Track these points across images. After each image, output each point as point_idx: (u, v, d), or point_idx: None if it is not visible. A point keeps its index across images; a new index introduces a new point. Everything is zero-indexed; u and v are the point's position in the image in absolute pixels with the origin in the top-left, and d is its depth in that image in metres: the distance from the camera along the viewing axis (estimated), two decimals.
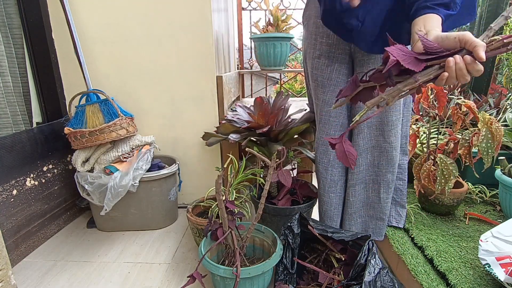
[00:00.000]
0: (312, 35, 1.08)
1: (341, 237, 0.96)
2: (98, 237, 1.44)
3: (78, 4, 1.45)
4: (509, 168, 1.15)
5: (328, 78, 1.07)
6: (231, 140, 1.28)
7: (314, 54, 1.08)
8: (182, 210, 1.69)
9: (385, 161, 1.07)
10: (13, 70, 1.32)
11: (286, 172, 1.21)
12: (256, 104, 1.34)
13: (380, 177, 1.10)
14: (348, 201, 1.15)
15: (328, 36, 1.04)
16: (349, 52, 1.05)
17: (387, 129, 1.04)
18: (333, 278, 0.95)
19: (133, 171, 1.34)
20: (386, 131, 1.04)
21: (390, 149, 1.06)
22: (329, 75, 1.07)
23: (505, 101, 1.64)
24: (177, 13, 1.47)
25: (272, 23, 2.15)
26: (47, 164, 1.40)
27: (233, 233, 1.01)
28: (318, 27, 1.05)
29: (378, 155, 1.08)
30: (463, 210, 1.27)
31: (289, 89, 5.56)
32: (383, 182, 1.10)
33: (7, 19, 1.30)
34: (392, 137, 1.04)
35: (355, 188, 1.13)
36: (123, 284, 1.13)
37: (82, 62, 1.40)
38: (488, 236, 0.86)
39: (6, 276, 0.83)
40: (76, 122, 1.38)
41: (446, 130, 1.41)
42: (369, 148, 1.08)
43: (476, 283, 0.86)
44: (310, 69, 1.12)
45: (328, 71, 1.06)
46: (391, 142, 1.05)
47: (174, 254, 1.31)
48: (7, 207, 1.20)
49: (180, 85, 1.57)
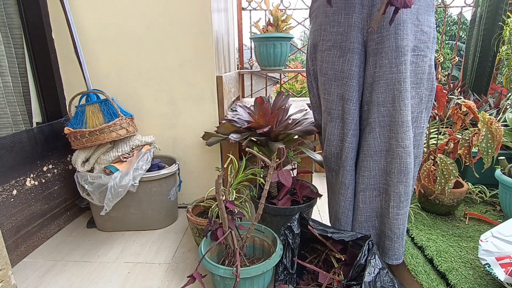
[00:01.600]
0: (322, 26, 1.00)
1: (341, 237, 0.96)
2: (98, 237, 1.44)
3: (78, 4, 1.45)
4: (509, 168, 1.15)
5: (341, 70, 0.97)
6: (231, 140, 1.28)
7: (325, 45, 1.00)
8: (182, 210, 1.69)
9: (397, 169, 0.94)
10: (13, 70, 1.32)
11: (286, 172, 1.21)
12: (256, 104, 1.34)
13: (390, 188, 0.96)
14: (358, 208, 1.04)
15: (339, 25, 0.96)
16: (361, 40, 0.95)
17: (401, 131, 0.91)
18: (333, 278, 0.95)
19: (133, 171, 1.34)
20: (400, 133, 0.91)
21: (404, 154, 0.92)
22: (341, 67, 0.97)
23: (505, 101, 1.64)
24: (177, 13, 1.47)
25: (272, 23, 2.15)
26: (47, 164, 1.40)
27: (233, 233, 1.01)
28: (328, 16, 0.98)
29: (390, 161, 0.95)
30: (463, 210, 1.27)
31: (289, 89, 5.55)
32: (393, 194, 0.96)
33: (7, 19, 1.30)
34: (407, 140, 0.91)
35: (365, 193, 1.02)
36: (123, 284, 1.13)
37: (82, 62, 1.40)
38: (488, 236, 0.86)
39: (6, 276, 0.83)
40: (76, 122, 1.37)
41: (446, 130, 1.41)
42: (383, 151, 0.97)
43: (476, 283, 0.86)
44: (319, 63, 1.03)
45: (340, 62, 0.97)
46: (405, 147, 0.92)
47: (174, 254, 1.31)
48: (7, 207, 1.20)
49: (180, 85, 1.57)
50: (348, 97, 0.98)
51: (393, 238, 0.99)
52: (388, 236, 1.00)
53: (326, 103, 1.05)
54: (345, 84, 0.98)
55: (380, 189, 1.01)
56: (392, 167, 0.95)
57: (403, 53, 0.88)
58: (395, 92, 0.90)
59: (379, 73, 0.92)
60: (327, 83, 1.02)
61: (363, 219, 1.04)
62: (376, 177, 1.00)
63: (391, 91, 0.91)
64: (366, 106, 0.99)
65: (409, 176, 0.94)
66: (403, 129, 0.91)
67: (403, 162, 0.93)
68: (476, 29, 2.17)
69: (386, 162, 0.97)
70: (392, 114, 0.92)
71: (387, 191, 0.98)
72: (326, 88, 1.03)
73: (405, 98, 0.90)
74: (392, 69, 0.89)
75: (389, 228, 0.99)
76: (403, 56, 0.88)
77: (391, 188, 0.97)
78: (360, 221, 1.05)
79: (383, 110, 0.94)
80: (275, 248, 1.04)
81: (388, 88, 0.91)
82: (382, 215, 1.02)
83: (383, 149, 0.97)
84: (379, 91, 0.93)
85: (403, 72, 0.89)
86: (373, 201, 1.02)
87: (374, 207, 1.03)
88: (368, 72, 0.96)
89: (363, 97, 0.99)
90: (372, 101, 0.95)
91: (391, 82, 0.90)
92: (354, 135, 1.01)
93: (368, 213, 1.03)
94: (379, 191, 1.01)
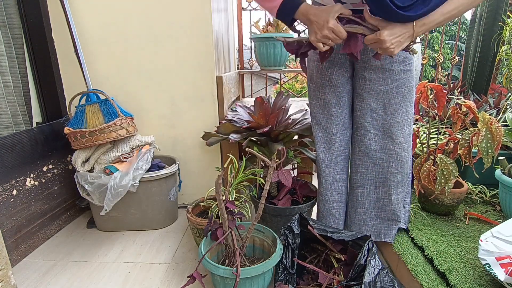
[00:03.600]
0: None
1: (341, 237, 0.96)
2: (98, 237, 1.44)
3: (78, 4, 1.45)
4: (509, 168, 1.15)
5: (329, 79, 1.09)
6: (231, 140, 1.28)
7: (315, 57, 1.10)
8: (182, 210, 1.69)
9: (394, 162, 1.07)
10: (13, 70, 1.32)
11: (286, 172, 1.22)
12: (256, 104, 1.34)
13: (390, 179, 1.09)
14: (357, 201, 1.16)
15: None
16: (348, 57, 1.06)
17: (395, 130, 1.04)
18: (333, 278, 0.95)
19: (133, 171, 1.34)
20: (393, 132, 1.04)
21: (399, 150, 1.06)
22: (330, 77, 1.08)
23: (505, 101, 1.64)
24: (177, 13, 1.47)
25: (272, 23, 2.15)
26: (47, 164, 1.40)
27: (233, 233, 1.01)
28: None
29: (387, 157, 1.08)
30: (463, 210, 1.27)
31: (289, 89, 5.56)
32: (394, 183, 1.09)
33: (7, 19, 1.30)
34: (401, 137, 1.05)
35: (364, 188, 1.14)
36: (123, 284, 1.13)
37: (82, 62, 1.40)
38: (488, 236, 0.86)
39: (6, 276, 0.84)
40: (76, 122, 1.37)
41: (446, 130, 1.41)
42: (378, 150, 1.08)
43: (476, 283, 0.86)
44: (310, 71, 1.14)
45: (329, 73, 1.08)
46: (400, 143, 1.05)
47: (174, 254, 1.31)
48: (7, 207, 1.20)
49: (180, 85, 1.57)
50: (336, 102, 1.10)
51: (396, 220, 1.14)
52: (392, 219, 1.14)
53: (313, 108, 1.15)
54: (333, 91, 1.09)
55: (376, 183, 1.13)
56: (389, 162, 1.08)
57: (387, 69, 1.01)
58: (385, 100, 1.04)
59: (369, 85, 1.04)
60: (316, 90, 1.12)
61: (361, 211, 1.16)
62: (372, 173, 1.12)
63: (381, 99, 1.04)
64: (358, 112, 1.09)
65: (405, 166, 1.08)
66: (396, 128, 1.04)
67: (399, 156, 1.07)
68: (476, 29, 2.17)
69: (382, 159, 1.09)
70: (384, 118, 1.05)
71: (386, 183, 1.11)
72: (316, 94, 1.13)
73: (394, 104, 1.03)
74: (380, 82, 1.03)
75: (393, 213, 1.13)
76: (388, 71, 1.01)
77: (390, 180, 1.09)
78: (359, 213, 1.17)
79: (375, 115, 1.06)
80: (275, 248, 1.04)
81: (378, 97, 1.04)
82: (380, 206, 1.14)
83: (378, 148, 1.08)
84: (371, 100, 1.05)
85: (389, 84, 1.02)
86: (370, 195, 1.15)
87: (372, 200, 1.15)
88: (358, 84, 1.07)
89: (354, 103, 1.11)
90: (365, 108, 1.07)
91: (381, 92, 1.03)
92: (343, 135, 1.13)
93: (366, 205, 1.15)
94: (375, 185, 1.13)
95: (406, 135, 1.06)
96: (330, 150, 1.14)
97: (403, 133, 1.05)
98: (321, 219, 1.22)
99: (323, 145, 1.15)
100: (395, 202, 1.12)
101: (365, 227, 1.17)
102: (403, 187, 1.12)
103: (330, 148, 1.13)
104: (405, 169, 1.09)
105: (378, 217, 1.16)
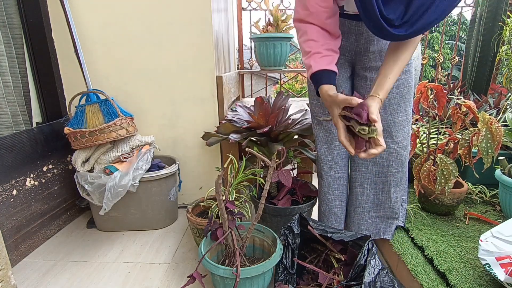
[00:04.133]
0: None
1: (340, 237, 0.96)
2: (98, 237, 1.44)
3: (78, 4, 1.45)
4: (509, 168, 1.15)
5: None
6: (231, 140, 1.28)
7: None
8: (182, 210, 1.69)
9: (394, 161, 1.09)
10: (13, 70, 1.32)
11: (286, 172, 1.22)
12: (256, 104, 1.34)
13: (390, 178, 1.11)
14: (356, 200, 1.17)
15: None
16: (349, 59, 1.08)
17: (395, 130, 1.06)
18: (333, 279, 0.95)
19: (133, 171, 1.34)
20: (393, 131, 1.06)
21: (399, 149, 1.07)
22: None
23: (505, 101, 1.64)
24: (177, 13, 1.47)
25: (272, 23, 2.15)
26: (47, 164, 1.40)
27: (233, 233, 1.01)
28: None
29: (387, 157, 1.09)
30: (463, 210, 1.27)
31: (289, 89, 5.56)
32: (393, 182, 1.11)
33: (7, 19, 1.30)
34: (400, 137, 1.06)
35: (363, 187, 1.15)
36: (123, 284, 1.13)
37: (82, 62, 1.40)
38: (488, 236, 0.86)
39: (6, 276, 0.84)
40: (76, 122, 1.37)
41: (446, 130, 1.41)
42: None
43: (476, 283, 0.86)
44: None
45: None
46: (400, 142, 1.07)
47: (174, 254, 1.31)
48: (7, 207, 1.20)
49: (180, 85, 1.57)
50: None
51: (395, 217, 1.15)
52: (391, 217, 1.16)
53: (314, 108, 1.14)
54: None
55: (376, 182, 1.14)
56: (389, 161, 1.09)
57: None
58: (386, 100, 1.04)
59: (369, 85, 1.05)
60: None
61: (361, 210, 1.17)
62: (372, 172, 1.13)
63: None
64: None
65: (404, 165, 1.10)
66: (395, 128, 1.05)
67: (399, 155, 1.08)
68: (476, 29, 2.17)
69: (382, 158, 1.10)
70: (384, 118, 1.05)
71: (386, 182, 1.12)
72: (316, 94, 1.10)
73: (394, 104, 1.04)
74: None
75: (392, 211, 1.15)
76: None
77: (390, 178, 1.11)
78: (358, 212, 1.18)
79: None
80: (275, 248, 1.04)
81: None
82: (380, 204, 1.16)
83: None
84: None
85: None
86: (370, 193, 1.16)
87: (371, 198, 1.16)
88: (358, 84, 1.09)
89: None
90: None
91: None
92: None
93: (366, 204, 1.16)
94: (375, 183, 1.14)
95: (406, 134, 1.07)
96: (331, 150, 1.14)
97: (402, 133, 1.06)
98: (323, 219, 1.22)
99: (324, 145, 1.15)
100: (394, 201, 1.13)
101: (364, 225, 1.17)
102: (402, 186, 1.14)
103: (331, 148, 1.14)
104: (404, 168, 1.10)
105: (377, 216, 1.17)
